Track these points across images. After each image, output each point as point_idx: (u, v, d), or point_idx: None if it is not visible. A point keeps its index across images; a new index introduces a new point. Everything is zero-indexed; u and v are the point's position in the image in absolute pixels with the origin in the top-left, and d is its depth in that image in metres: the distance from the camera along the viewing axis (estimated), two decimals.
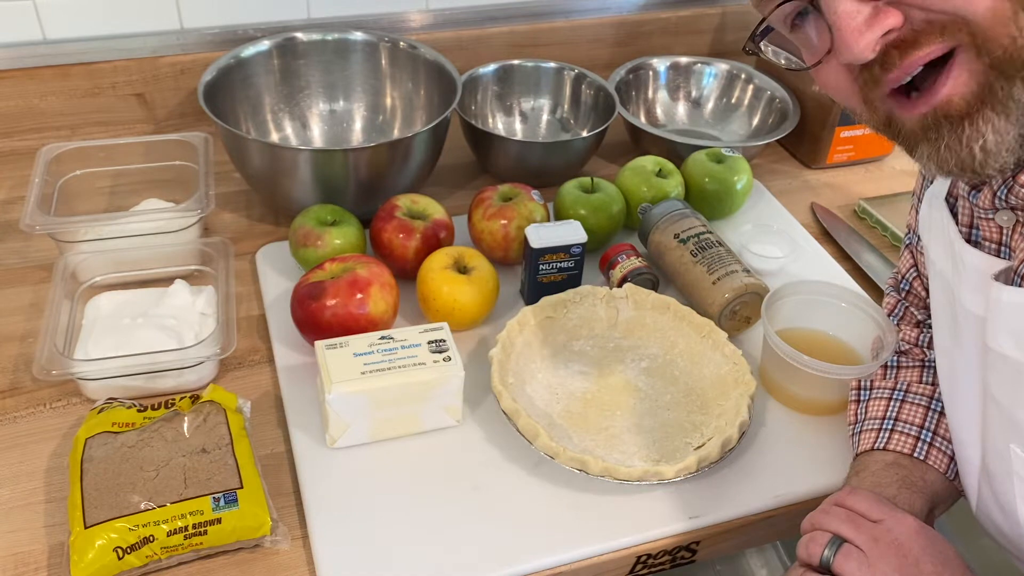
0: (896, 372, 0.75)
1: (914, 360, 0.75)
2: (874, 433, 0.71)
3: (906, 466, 0.68)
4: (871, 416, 0.72)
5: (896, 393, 0.73)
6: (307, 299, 0.78)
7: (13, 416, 0.76)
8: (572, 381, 0.81)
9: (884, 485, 0.67)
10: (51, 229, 0.85)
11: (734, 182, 0.99)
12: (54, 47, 1.04)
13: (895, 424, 0.70)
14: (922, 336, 0.76)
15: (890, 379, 0.75)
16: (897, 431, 0.70)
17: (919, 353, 0.76)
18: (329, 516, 0.69)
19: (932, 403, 0.71)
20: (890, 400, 0.72)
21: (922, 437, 0.69)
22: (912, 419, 0.70)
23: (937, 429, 0.69)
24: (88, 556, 0.62)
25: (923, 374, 0.74)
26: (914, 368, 0.75)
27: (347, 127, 1.11)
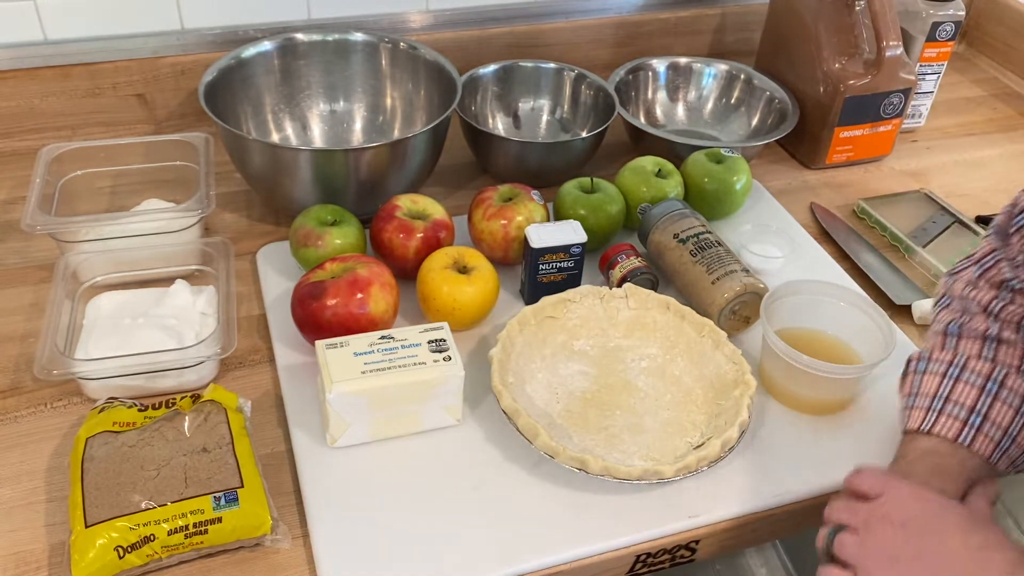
0: (956, 342, 0.71)
1: (977, 330, 0.71)
2: (923, 413, 0.68)
3: (945, 454, 0.66)
4: (923, 392, 0.70)
5: (952, 369, 0.69)
6: (307, 299, 0.78)
7: (14, 416, 0.76)
8: (572, 381, 0.81)
9: (915, 473, 0.65)
10: (52, 229, 0.85)
11: (733, 182, 0.99)
12: (55, 47, 1.04)
13: (944, 405, 0.68)
14: (996, 302, 0.71)
15: (948, 350, 0.71)
16: (945, 413, 0.67)
17: (984, 323, 0.71)
18: (329, 515, 0.69)
19: (988, 383, 0.68)
20: (944, 376, 0.69)
21: (970, 421, 0.66)
22: (964, 400, 0.67)
23: (989, 413, 0.66)
24: (89, 555, 0.62)
25: (984, 348, 0.69)
26: (975, 341, 0.70)
27: (347, 127, 1.11)
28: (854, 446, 0.78)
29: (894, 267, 0.99)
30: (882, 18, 1.05)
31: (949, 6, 1.14)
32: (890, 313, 0.91)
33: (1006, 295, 0.71)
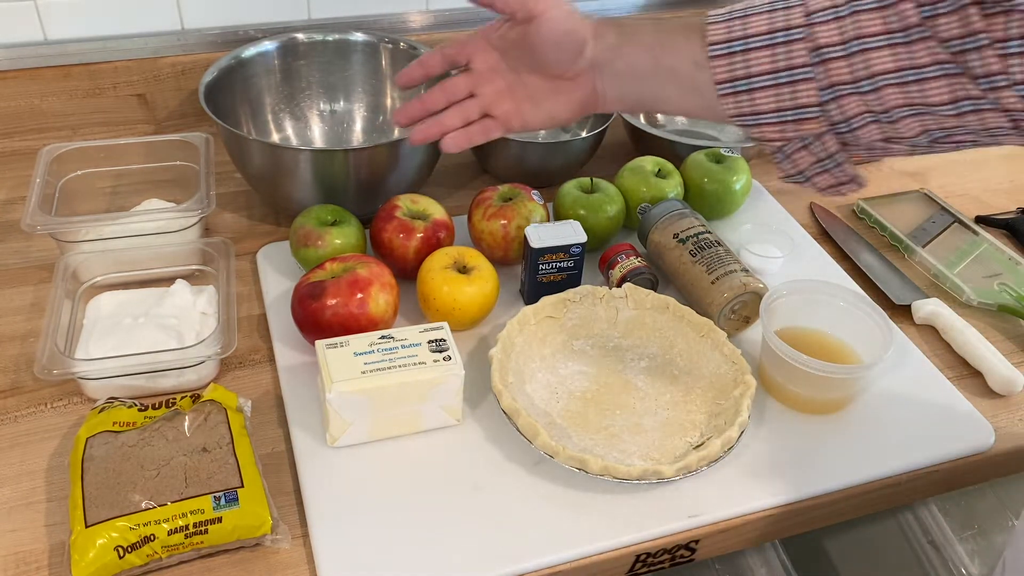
0: None
1: None
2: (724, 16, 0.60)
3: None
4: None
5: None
6: (308, 299, 0.78)
7: (14, 416, 0.76)
8: (572, 381, 0.81)
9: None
10: (52, 229, 0.85)
11: (733, 182, 0.99)
12: (55, 47, 1.04)
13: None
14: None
15: None
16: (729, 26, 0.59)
17: None
18: (329, 515, 0.69)
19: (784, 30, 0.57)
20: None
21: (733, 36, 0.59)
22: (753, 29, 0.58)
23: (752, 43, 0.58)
24: (89, 555, 0.62)
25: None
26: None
27: (347, 127, 1.11)
28: (854, 446, 0.78)
29: (894, 267, 0.99)
30: None
31: None
32: (890, 313, 0.91)
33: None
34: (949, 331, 0.89)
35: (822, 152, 0.60)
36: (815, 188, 0.64)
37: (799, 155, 0.61)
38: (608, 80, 0.65)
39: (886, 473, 0.76)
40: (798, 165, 0.62)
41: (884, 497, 0.78)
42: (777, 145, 0.61)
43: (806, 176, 0.63)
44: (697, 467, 0.71)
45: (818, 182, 0.63)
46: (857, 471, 0.76)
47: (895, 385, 0.84)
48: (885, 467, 0.76)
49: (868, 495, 0.76)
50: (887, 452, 0.78)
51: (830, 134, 0.60)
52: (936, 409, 0.82)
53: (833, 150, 0.60)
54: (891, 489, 0.77)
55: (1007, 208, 1.10)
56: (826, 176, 0.62)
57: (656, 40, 0.62)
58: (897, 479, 0.77)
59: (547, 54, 0.64)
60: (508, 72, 0.67)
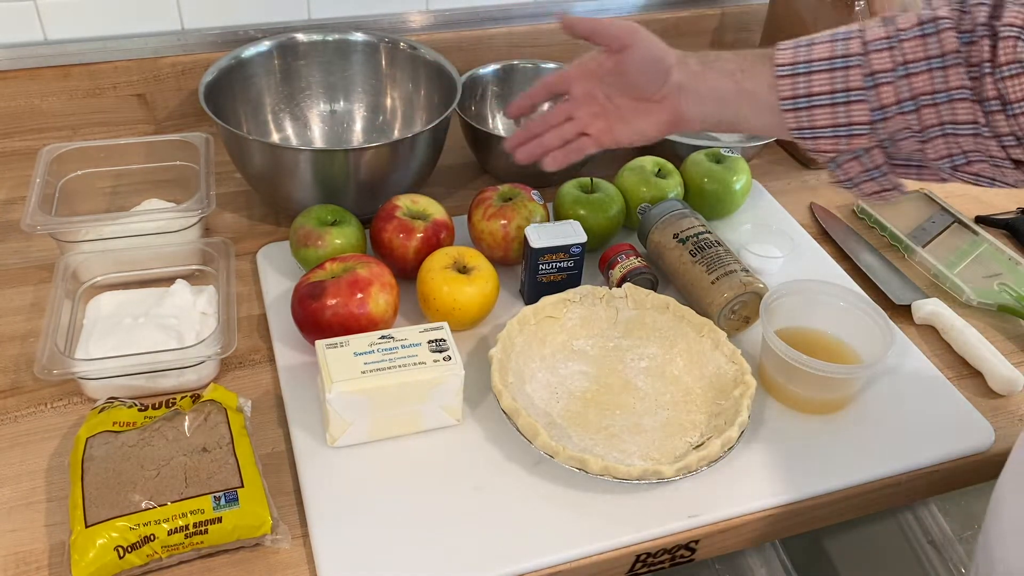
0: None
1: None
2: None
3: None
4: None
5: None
6: (308, 299, 0.78)
7: (14, 416, 0.76)
8: (572, 381, 0.81)
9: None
10: (52, 229, 0.85)
11: (733, 182, 0.99)
12: (55, 48, 1.04)
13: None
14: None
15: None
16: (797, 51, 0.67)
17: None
18: (329, 515, 0.69)
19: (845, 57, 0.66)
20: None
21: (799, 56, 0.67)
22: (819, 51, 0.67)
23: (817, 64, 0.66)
24: (89, 555, 0.62)
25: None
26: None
27: (347, 127, 1.11)
28: (854, 446, 0.78)
29: (894, 267, 0.99)
30: None
31: None
32: (890, 313, 0.91)
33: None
34: (949, 331, 0.89)
35: (870, 163, 0.68)
36: (862, 193, 0.71)
37: (850, 165, 0.69)
38: (692, 102, 0.72)
39: (886, 473, 0.76)
40: (848, 173, 0.69)
41: (884, 497, 0.78)
42: (830, 156, 0.69)
43: (854, 183, 0.70)
44: (697, 467, 0.71)
45: (864, 188, 0.70)
46: (857, 471, 0.76)
47: (895, 385, 0.84)
48: (885, 467, 0.76)
49: (868, 495, 0.76)
50: (887, 452, 0.78)
51: (877, 148, 0.67)
52: (936, 409, 0.82)
53: (880, 162, 0.68)
54: (891, 489, 0.77)
55: (1007, 208, 1.10)
56: (872, 184, 0.70)
57: (737, 66, 0.70)
58: (897, 479, 0.77)
59: (637, 79, 0.73)
60: (602, 96, 0.76)
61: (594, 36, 0.74)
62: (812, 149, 0.69)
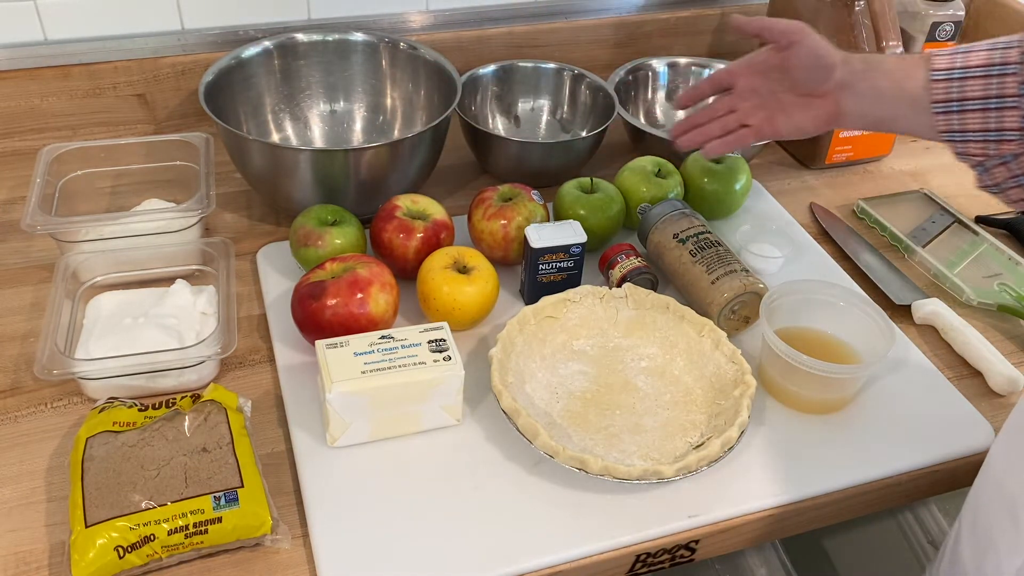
0: None
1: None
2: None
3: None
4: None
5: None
6: (308, 299, 0.78)
7: (14, 416, 0.76)
8: (572, 381, 0.81)
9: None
10: (52, 229, 0.85)
11: (733, 182, 0.99)
12: (55, 48, 1.04)
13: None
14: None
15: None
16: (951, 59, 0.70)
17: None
18: (329, 515, 0.69)
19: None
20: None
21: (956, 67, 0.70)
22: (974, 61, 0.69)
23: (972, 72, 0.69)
24: (89, 555, 0.62)
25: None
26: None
27: (347, 127, 1.11)
28: (854, 446, 0.78)
29: (894, 267, 0.99)
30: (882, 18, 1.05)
31: (949, 6, 1.14)
32: (890, 313, 0.91)
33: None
34: (949, 331, 0.89)
35: (1018, 169, 0.69)
36: (1007, 200, 0.72)
37: (998, 170, 0.70)
38: (852, 99, 0.76)
39: (886, 473, 0.76)
40: (995, 178, 0.71)
41: (884, 497, 0.78)
42: (978, 160, 0.71)
43: (1001, 188, 0.71)
44: (697, 467, 0.71)
45: (1011, 195, 0.72)
46: (857, 471, 0.76)
47: (895, 385, 0.84)
48: (885, 467, 0.76)
49: (868, 495, 0.76)
50: (887, 452, 0.78)
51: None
52: (936, 409, 0.82)
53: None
54: (891, 489, 0.77)
55: (1007, 208, 1.10)
56: (1019, 190, 0.71)
57: (898, 67, 0.73)
58: (897, 479, 0.77)
59: (801, 74, 0.77)
60: (766, 91, 0.80)
61: (763, 33, 0.78)
62: (961, 152, 0.71)
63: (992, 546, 0.62)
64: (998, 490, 0.63)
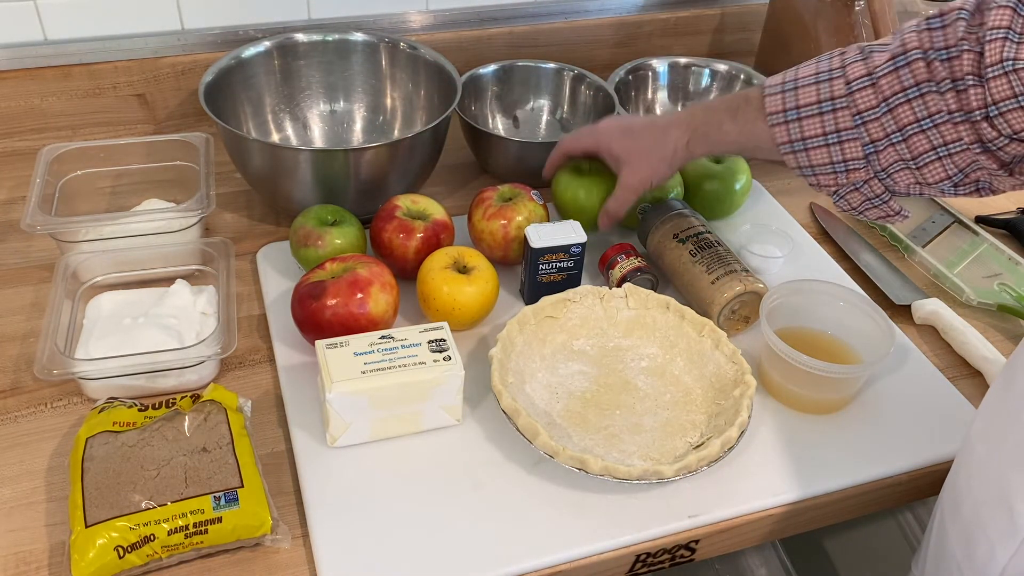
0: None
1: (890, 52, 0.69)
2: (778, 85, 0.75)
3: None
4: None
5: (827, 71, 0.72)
6: (308, 299, 0.78)
7: (14, 416, 0.76)
8: (572, 381, 0.81)
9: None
10: (52, 229, 0.85)
11: (733, 182, 0.99)
12: (55, 48, 1.04)
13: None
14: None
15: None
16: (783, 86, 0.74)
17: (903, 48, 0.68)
18: (329, 515, 0.69)
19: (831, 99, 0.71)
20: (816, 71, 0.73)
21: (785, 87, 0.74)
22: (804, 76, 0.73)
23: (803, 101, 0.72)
24: (89, 555, 0.62)
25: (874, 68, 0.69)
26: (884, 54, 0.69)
27: (347, 127, 1.11)
28: (854, 446, 0.78)
29: (894, 267, 0.99)
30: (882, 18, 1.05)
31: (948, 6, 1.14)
32: (890, 313, 0.91)
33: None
34: (949, 331, 0.89)
35: (870, 192, 0.73)
36: (867, 219, 0.77)
37: (851, 196, 0.74)
38: (702, 149, 0.82)
39: (886, 473, 0.76)
40: (851, 203, 0.75)
41: (884, 497, 0.78)
42: (833, 189, 0.75)
43: (858, 211, 0.76)
44: (697, 467, 0.71)
45: (869, 214, 0.76)
46: (857, 471, 0.76)
47: (895, 385, 0.84)
48: (885, 467, 0.76)
49: (868, 495, 0.76)
50: (887, 452, 0.78)
51: (875, 179, 0.72)
52: (936, 409, 0.82)
53: (879, 191, 0.73)
54: (891, 489, 0.77)
55: (1007, 208, 1.10)
56: (875, 211, 0.75)
57: (740, 134, 0.77)
58: (897, 479, 0.77)
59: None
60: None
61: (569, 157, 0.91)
62: (816, 184, 0.75)
63: (982, 531, 0.62)
64: (982, 474, 0.63)
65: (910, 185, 0.71)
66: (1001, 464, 0.60)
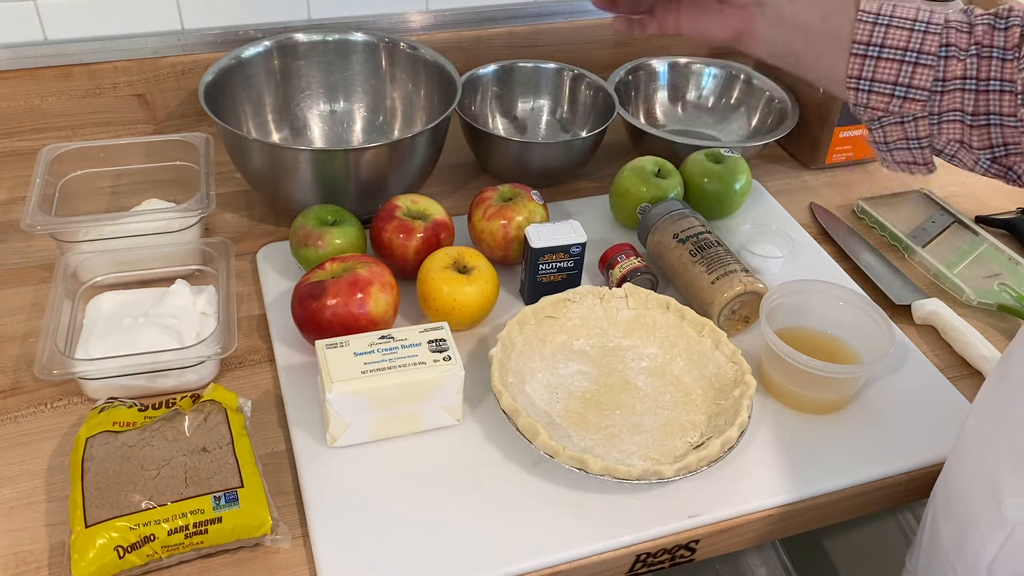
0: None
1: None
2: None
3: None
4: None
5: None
6: (308, 299, 0.78)
7: (14, 416, 0.76)
8: (572, 381, 0.81)
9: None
10: (52, 229, 0.85)
11: (733, 182, 0.99)
12: (55, 47, 1.04)
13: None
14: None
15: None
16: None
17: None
18: (329, 515, 0.69)
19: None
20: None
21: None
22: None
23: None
24: (89, 555, 0.62)
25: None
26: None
27: (347, 127, 1.11)
28: (854, 446, 0.78)
29: (894, 267, 0.99)
30: None
31: (948, 6, 1.14)
32: (890, 313, 0.91)
33: None
34: (949, 331, 0.89)
35: (912, 132, 0.69)
36: (891, 161, 0.71)
37: (892, 128, 0.69)
38: (769, 23, 0.72)
39: (886, 473, 0.76)
40: (887, 136, 0.70)
41: (884, 497, 0.78)
42: (877, 114, 0.69)
43: (889, 148, 0.70)
44: (697, 467, 0.71)
45: (897, 156, 0.71)
46: (857, 471, 0.76)
47: (895, 385, 0.84)
48: (885, 467, 0.76)
49: (868, 495, 0.76)
50: (887, 452, 0.78)
51: (924, 119, 0.68)
52: (936, 409, 0.82)
53: (923, 134, 0.68)
54: (891, 489, 0.77)
55: (1007, 208, 1.10)
56: (906, 153, 0.70)
57: (828, 1, 0.70)
58: (897, 479, 0.77)
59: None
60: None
61: None
62: (862, 104, 0.69)
63: (973, 525, 0.62)
64: (974, 468, 0.63)
65: (951, 141, 0.68)
66: (991, 459, 0.61)
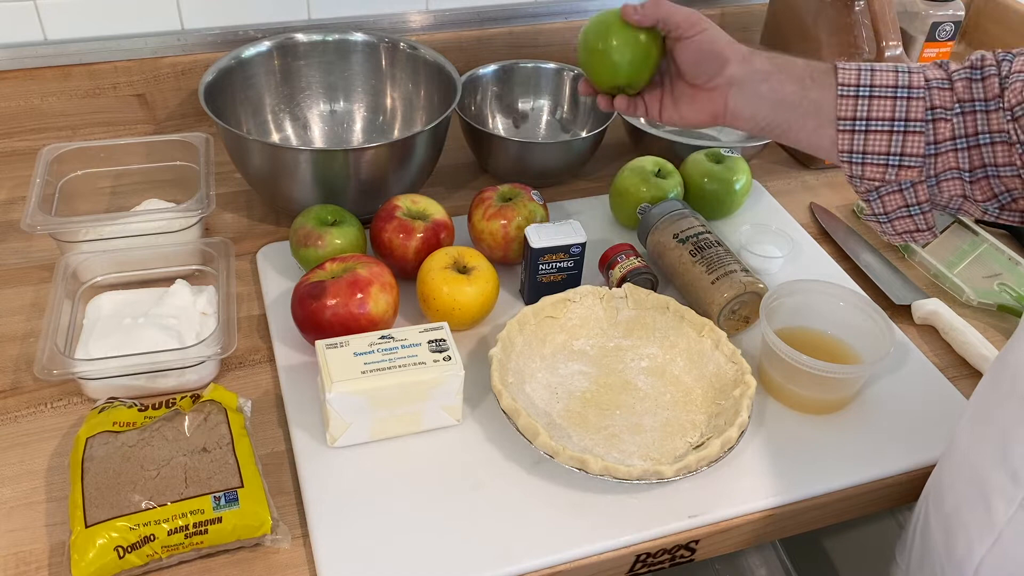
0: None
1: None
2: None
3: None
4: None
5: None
6: (308, 299, 0.78)
7: (14, 416, 0.76)
8: (572, 381, 0.81)
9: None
10: (52, 229, 0.85)
11: (733, 182, 0.99)
12: (55, 48, 1.04)
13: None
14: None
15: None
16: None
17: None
18: (329, 515, 0.69)
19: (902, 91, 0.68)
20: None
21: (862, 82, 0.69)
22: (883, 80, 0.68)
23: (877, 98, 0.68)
24: (89, 555, 0.62)
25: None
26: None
27: (347, 127, 1.11)
28: (853, 446, 0.78)
29: (893, 267, 0.99)
30: (882, 18, 1.05)
31: (948, 6, 1.14)
32: (890, 313, 0.91)
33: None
34: (949, 331, 0.89)
35: (912, 199, 0.69)
36: (892, 231, 0.72)
37: (891, 197, 0.70)
38: (746, 100, 0.72)
39: (886, 473, 0.76)
40: (886, 206, 0.71)
41: (884, 497, 0.78)
42: (874, 185, 0.70)
43: (889, 218, 0.71)
44: (697, 467, 0.71)
45: (898, 225, 0.71)
46: (857, 471, 0.76)
47: (895, 385, 0.84)
48: (885, 467, 0.76)
49: (868, 495, 0.76)
50: (887, 452, 0.78)
51: (923, 184, 0.68)
52: (936, 409, 0.82)
53: (922, 199, 0.69)
54: (891, 489, 0.77)
55: None
56: (907, 221, 0.71)
57: (807, 73, 0.70)
58: (897, 479, 0.77)
59: (688, 67, 0.73)
60: (664, 72, 0.77)
61: (660, 24, 0.74)
62: (857, 176, 0.70)
63: (962, 527, 0.62)
64: (966, 468, 0.63)
65: (954, 197, 0.69)
66: (981, 459, 0.61)
